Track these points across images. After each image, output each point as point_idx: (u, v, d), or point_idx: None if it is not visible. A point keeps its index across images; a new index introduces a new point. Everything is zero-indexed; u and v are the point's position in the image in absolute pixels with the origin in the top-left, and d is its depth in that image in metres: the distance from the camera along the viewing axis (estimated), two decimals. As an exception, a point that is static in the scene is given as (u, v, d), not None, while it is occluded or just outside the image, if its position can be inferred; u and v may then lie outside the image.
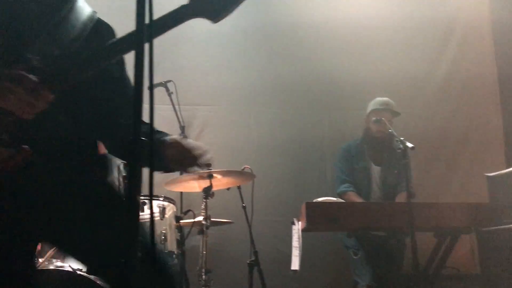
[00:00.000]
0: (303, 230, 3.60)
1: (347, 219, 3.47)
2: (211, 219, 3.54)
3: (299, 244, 3.61)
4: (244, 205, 3.73)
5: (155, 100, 1.04)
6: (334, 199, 3.86)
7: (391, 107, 4.28)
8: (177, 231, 3.62)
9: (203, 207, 3.51)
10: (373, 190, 4.26)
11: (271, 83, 5.02)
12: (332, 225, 3.51)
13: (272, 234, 4.56)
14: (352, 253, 3.98)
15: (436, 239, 3.76)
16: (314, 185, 4.84)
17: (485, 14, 5.33)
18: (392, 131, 3.76)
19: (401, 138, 3.52)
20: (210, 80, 4.93)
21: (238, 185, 3.76)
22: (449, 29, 5.26)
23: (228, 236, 4.49)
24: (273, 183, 4.74)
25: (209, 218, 3.51)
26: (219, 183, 3.63)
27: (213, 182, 3.51)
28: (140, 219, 1.12)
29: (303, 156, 4.95)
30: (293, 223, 3.69)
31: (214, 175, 3.51)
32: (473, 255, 4.49)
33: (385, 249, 3.99)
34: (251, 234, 3.68)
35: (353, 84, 4.99)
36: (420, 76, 5.15)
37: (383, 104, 4.27)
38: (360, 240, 3.89)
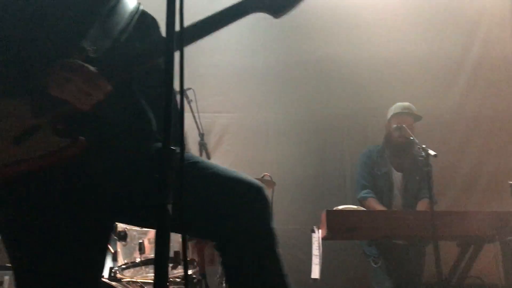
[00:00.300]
0: (323, 238, 3.57)
1: (368, 227, 3.44)
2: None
3: (319, 253, 3.58)
4: (264, 212, 3.71)
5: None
6: (355, 207, 3.82)
7: (412, 111, 4.24)
8: (198, 239, 3.62)
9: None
10: (394, 197, 4.21)
11: (290, 90, 5.01)
12: (353, 233, 3.47)
13: (292, 242, 4.53)
14: (372, 261, 3.95)
15: (459, 248, 3.71)
16: (334, 192, 4.80)
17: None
18: (413, 138, 3.71)
19: (423, 146, 3.48)
20: (229, 88, 4.94)
21: (258, 193, 3.75)
22: (475, 26, 5.18)
23: (248, 244, 4.47)
24: (292, 191, 4.71)
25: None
26: (239, 191, 3.61)
27: (233, 190, 3.49)
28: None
29: (323, 163, 4.92)
30: (313, 231, 3.66)
31: (234, 182, 3.50)
32: (496, 264, 4.39)
33: (406, 258, 3.94)
34: (271, 242, 3.65)
35: (374, 89, 4.95)
36: (442, 84, 5.09)
37: (404, 108, 4.23)
38: (380, 249, 3.85)
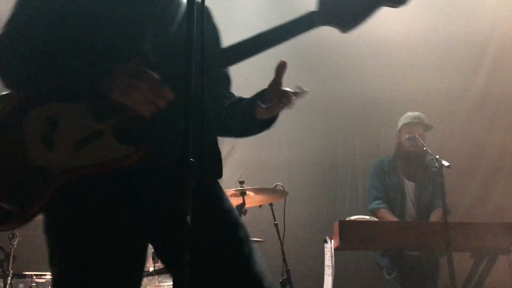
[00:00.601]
0: (336, 249, 3.54)
1: (381, 238, 3.41)
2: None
3: (331, 263, 3.56)
4: (276, 222, 3.71)
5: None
6: (367, 217, 3.80)
7: (422, 120, 4.22)
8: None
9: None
10: (407, 207, 4.18)
11: (302, 100, 5.00)
12: (366, 244, 3.45)
13: (304, 253, 4.52)
14: (386, 272, 3.91)
15: (473, 260, 3.66)
16: (346, 202, 4.80)
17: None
18: (426, 148, 3.70)
19: (437, 156, 3.46)
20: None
21: (270, 203, 3.75)
22: (484, 45, 5.18)
23: (260, 254, 4.47)
24: (305, 200, 4.71)
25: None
26: (252, 200, 3.63)
27: (245, 199, 3.51)
28: None
29: (335, 173, 4.92)
30: (325, 242, 3.65)
31: (247, 192, 3.51)
32: (511, 276, 4.35)
33: (419, 269, 3.91)
34: (283, 252, 3.65)
35: (385, 100, 4.95)
36: (454, 93, 5.07)
37: (414, 118, 4.22)
38: (393, 260, 3.81)
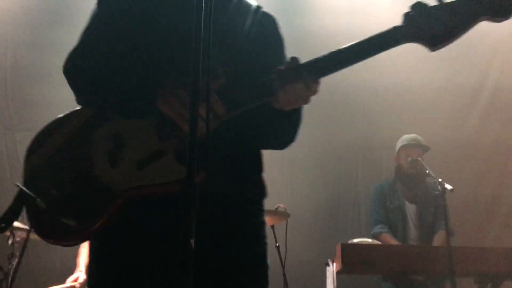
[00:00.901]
0: (338, 272, 3.51)
1: (384, 262, 3.38)
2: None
3: (333, 286, 3.52)
4: (278, 244, 3.68)
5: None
6: (370, 240, 3.77)
7: (419, 142, 4.26)
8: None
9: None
10: (409, 229, 4.15)
11: (305, 122, 4.99)
12: (368, 268, 3.40)
13: (306, 275, 4.46)
14: (388, 297, 3.86)
15: (477, 285, 3.62)
16: (348, 225, 4.78)
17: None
18: (429, 171, 3.69)
19: (440, 180, 3.44)
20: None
21: (272, 224, 3.72)
22: (490, 56, 5.17)
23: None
24: (306, 222, 4.68)
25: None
26: (253, 221, 3.59)
27: (247, 221, 3.48)
28: None
29: (337, 195, 4.90)
30: (327, 265, 3.61)
31: (249, 213, 3.49)
32: (516, 302, 4.30)
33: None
34: (284, 275, 3.61)
35: (388, 120, 4.97)
36: (458, 112, 5.09)
37: (411, 140, 4.26)
38: (396, 284, 3.76)
